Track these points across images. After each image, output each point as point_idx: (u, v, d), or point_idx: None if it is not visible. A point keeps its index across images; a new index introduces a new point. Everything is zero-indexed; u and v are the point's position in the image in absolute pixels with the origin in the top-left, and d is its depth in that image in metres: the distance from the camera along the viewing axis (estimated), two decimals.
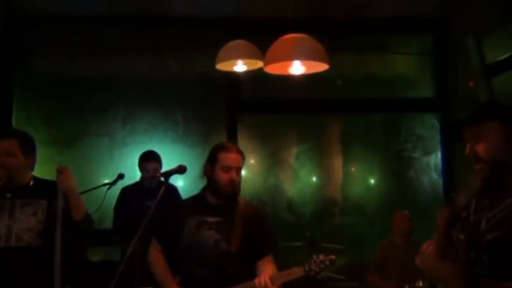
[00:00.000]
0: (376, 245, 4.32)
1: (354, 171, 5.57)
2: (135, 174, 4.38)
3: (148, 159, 4.28)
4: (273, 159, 5.43)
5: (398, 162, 5.46)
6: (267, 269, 2.71)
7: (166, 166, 4.03)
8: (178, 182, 4.71)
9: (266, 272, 2.68)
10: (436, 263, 1.70)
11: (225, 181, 2.70)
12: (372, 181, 5.52)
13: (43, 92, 5.27)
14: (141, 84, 5.28)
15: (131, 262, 2.44)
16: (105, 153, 5.18)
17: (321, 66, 2.96)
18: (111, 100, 5.25)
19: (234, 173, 2.72)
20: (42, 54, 5.33)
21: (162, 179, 3.62)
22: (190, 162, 2.84)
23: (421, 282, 3.53)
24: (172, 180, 2.80)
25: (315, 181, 5.52)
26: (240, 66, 3.38)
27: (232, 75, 4.20)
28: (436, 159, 5.40)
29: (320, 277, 2.69)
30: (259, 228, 2.80)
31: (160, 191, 2.45)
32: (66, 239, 2.50)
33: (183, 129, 5.28)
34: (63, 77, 5.30)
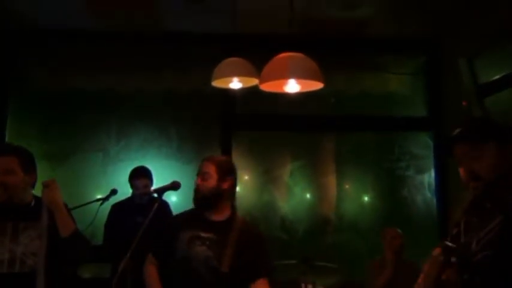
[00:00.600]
0: (367, 265, 4.28)
1: (348, 189, 5.57)
2: (128, 190, 4.34)
3: (139, 175, 4.24)
4: (267, 176, 5.42)
5: (392, 180, 5.47)
6: None
7: (160, 182, 4.01)
8: (171, 197, 4.68)
9: None
10: None
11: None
12: (366, 199, 5.52)
13: (36, 107, 5.25)
14: (136, 100, 5.27)
15: (123, 279, 2.41)
16: (99, 169, 5.15)
17: (316, 85, 2.97)
18: (105, 115, 5.24)
19: (199, 178, 2.71)
20: (36, 70, 5.31)
21: (155, 195, 3.59)
22: (184, 179, 2.83)
23: None
24: (165, 196, 2.76)
25: (308, 198, 5.51)
26: (235, 84, 3.40)
27: (227, 92, 4.21)
28: (429, 177, 5.41)
29: None
30: (253, 249, 2.68)
31: (153, 208, 2.43)
32: (54, 257, 2.41)
33: (177, 145, 5.27)
34: (57, 92, 5.30)
